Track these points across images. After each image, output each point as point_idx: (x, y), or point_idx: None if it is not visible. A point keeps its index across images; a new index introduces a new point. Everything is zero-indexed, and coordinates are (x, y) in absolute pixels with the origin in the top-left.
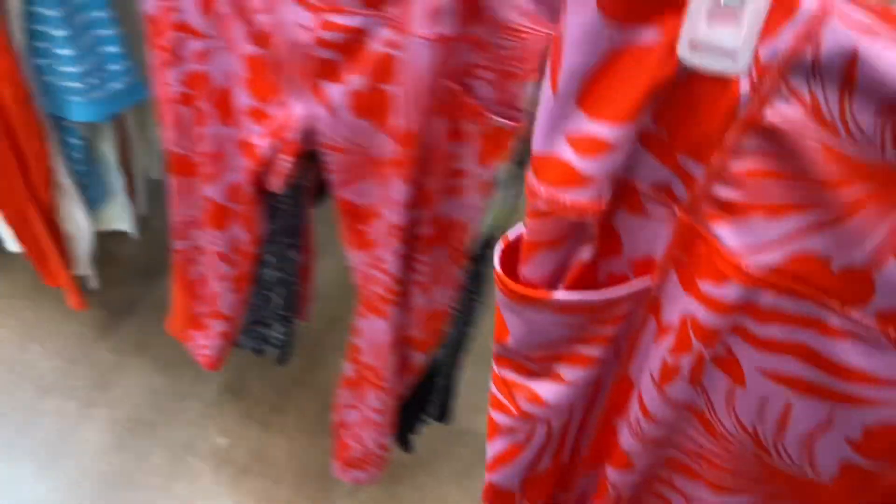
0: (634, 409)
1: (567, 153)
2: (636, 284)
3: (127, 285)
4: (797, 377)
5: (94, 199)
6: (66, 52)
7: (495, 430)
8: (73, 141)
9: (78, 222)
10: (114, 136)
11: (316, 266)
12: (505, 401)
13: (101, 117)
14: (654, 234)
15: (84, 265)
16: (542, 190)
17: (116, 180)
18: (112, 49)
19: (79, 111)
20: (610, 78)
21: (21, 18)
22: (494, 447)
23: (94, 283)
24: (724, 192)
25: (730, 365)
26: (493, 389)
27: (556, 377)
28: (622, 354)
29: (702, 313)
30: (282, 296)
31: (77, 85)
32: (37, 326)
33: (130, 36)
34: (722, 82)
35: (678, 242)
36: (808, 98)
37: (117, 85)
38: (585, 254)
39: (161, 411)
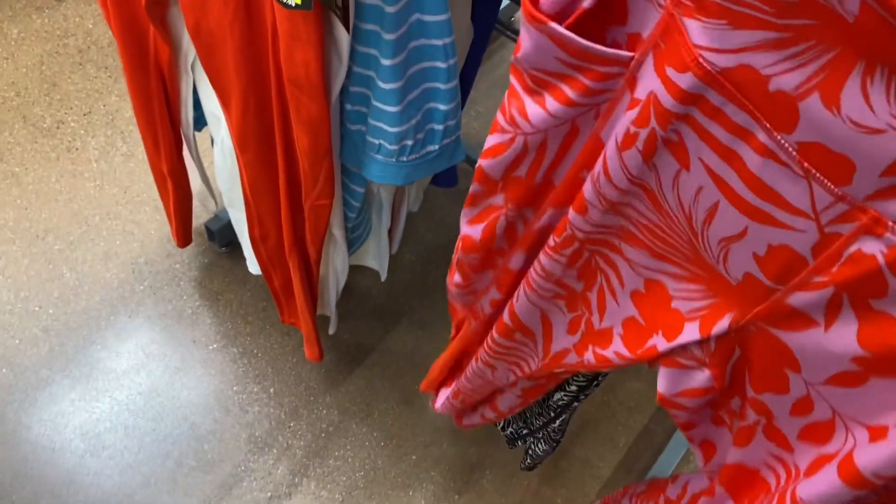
0: (598, 166)
1: None
2: (618, 52)
3: (361, 328)
4: (727, 181)
5: (355, 239)
6: (388, 107)
7: (494, 127)
8: (358, 190)
9: (336, 268)
10: None
11: None
12: (506, 104)
13: (406, 181)
14: (648, 15)
15: (329, 307)
16: None
17: (383, 221)
18: (442, 106)
19: (383, 173)
20: None
21: (347, 60)
22: (490, 141)
23: (333, 327)
24: None
25: (678, 149)
26: (505, 96)
27: (541, 102)
28: (599, 117)
29: (662, 94)
30: (563, 422)
31: (390, 146)
32: (260, 358)
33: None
34: None
35: (660, 27)
36: None
37: (434, 147)
38: (587, 3)
39: (375, 495)
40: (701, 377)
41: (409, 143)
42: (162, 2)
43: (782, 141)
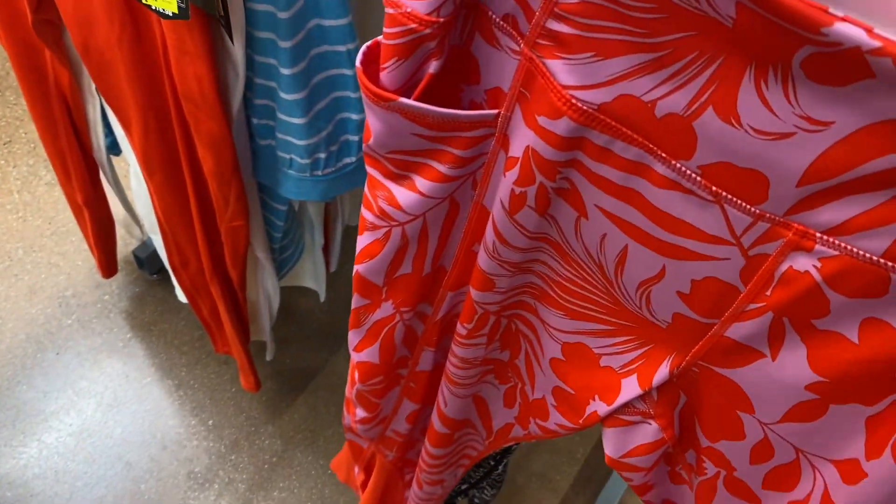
0: (490, 236)
1: None
2: (482, 113)
3: (303, 351)
4: (630, 222)
5: (286, 260)
6: (295, 119)
7: (363, 226)
8: (279, 208)
9: (266, 289)
10: None
11: None
12: (370, 198)
13: (325, 197)
14: (503, 65)
15: (264, 333)
16: None
17: (315, 239)
18: (354, 116)
19: (298, 189)
20: None
21: (244, 75)
22: (361, 241)
23: (270, 353)
24: (557, 26)
25: (573, 197)
26: (365, 188)
27: (411, 186)
28: (478, 186)
29: (540, 146)
30: (506, 465)
31: (302, 160)
32: (196, 390)
33: None
34: None
35: (521, 75)
36: None
37: (351, 159)
38: (432, 67)
39: None
40: (649, 430)
41: (323, 156)
42: (53, 21)
43: (682, 168)
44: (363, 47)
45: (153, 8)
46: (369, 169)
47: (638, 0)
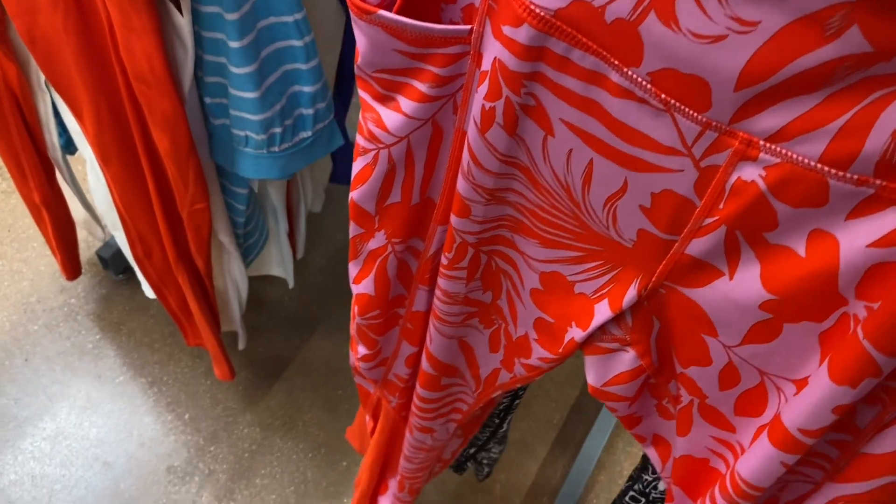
0: (465, 157)
1: None
2: (455, 28)
3: (276, 339)
4: (593, 135)
5: (252, 247)
6: (247, 93)
7: (357, 152)
8: (239, 191)
9: (233, 277)
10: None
11: None
12: (362, 122)
13: (283, 174)
14: None
15: (235, 322)
16: None
17: (279, 225)
18: (306, 88)
19: (256, 167)
20: None
21: (193, 50)
22: (355, 167)
23: (242, 343)
24: None
25: (539, 115)
26: (360, 115)
27: (395, 107)
28: (458, 109)
29: (506, 56)
30: (509, 422)
31: (257, 136)
32: (171, 385)
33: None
34: None
35: None
36: None
37: (307, 133)
38: None
39: None
40: (627, 358)
41: (278, 131)
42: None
43: (634, 76)
44: None
45: None
46: (361, 92)
47: None
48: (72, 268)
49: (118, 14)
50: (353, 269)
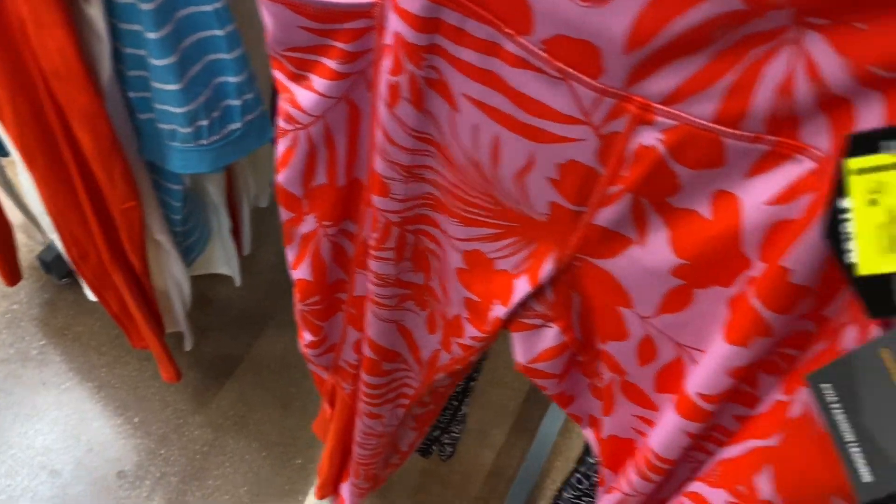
0: (379, 133)
1: None
2: (356, 2)
3: (227, 339)
4: (496, 108)
5: (193, 245)
6: (169, 86)
7: (278, 134)
8: (173, 188)
9: (174, 277)
10: (221, 172)
11: None
12: (280, 104)
13: (213, 167)
14: None
15: (179, 323)
16: None
17: (221, 221)
18: (232, 79)
19: (184, 161)
20: None
21: (110, 42)
22: (278, 150)
23: (189, 343)
24: None
25: (442, 88)
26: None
27: (308, 85)
28: (371, 87)
29: (404, 29)
30: (465, 402)
31: (183, 130)
32: (119, 389)
33: (254, 59)
34: None
35: None
36: None
37: (236, 125)
38: None
39: None
40: (550, 334)
41: (205, 123)
42: None
43: (527, 44)
44: None
45: None
46: (275, 72)
47: None
48: (11, 273)
49: (28, 10)
50: (289, 255)
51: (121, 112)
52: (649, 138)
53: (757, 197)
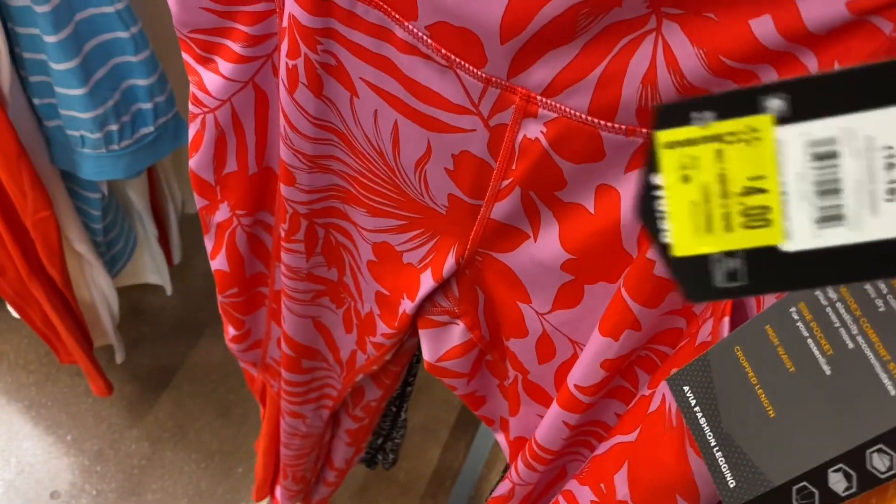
0: (282, 120)
1: None
2: None
3: (159, 350)
4: (392, 94)
5: (118, 255)
6: (73, 90)
7: (189, 117)
8: (90, 196)
9: (100, 289)
10: (142, 178)
11: None
12: (191, 87)
13: (128, 174)
14: None
15: (108, 335)
16: None
17: (146, 228)
18: (141, 82)
19: (97, 168)
20: None
21: (6, 47)
22: (189, 135)
23: (120, 356)
24: None
25: (341, 74)
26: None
27: (214, 68)
28: (276, 69)
29: (297, 11)
30: (404, 408)
31: (92, 135)
32: (50, 407)
33: (163, 59)
34: None
35: None
36: None
37: (148, 129)
38: None
39: None
40: (457, 331)
41: (114, 128)
42: None
43: (414, 30)
44: None
45: None
46: (183, 54)
47: None
48: None
49: None
50: (207, 244)
51: (27, 119)
52: (534, 130)
53: (635, 191)
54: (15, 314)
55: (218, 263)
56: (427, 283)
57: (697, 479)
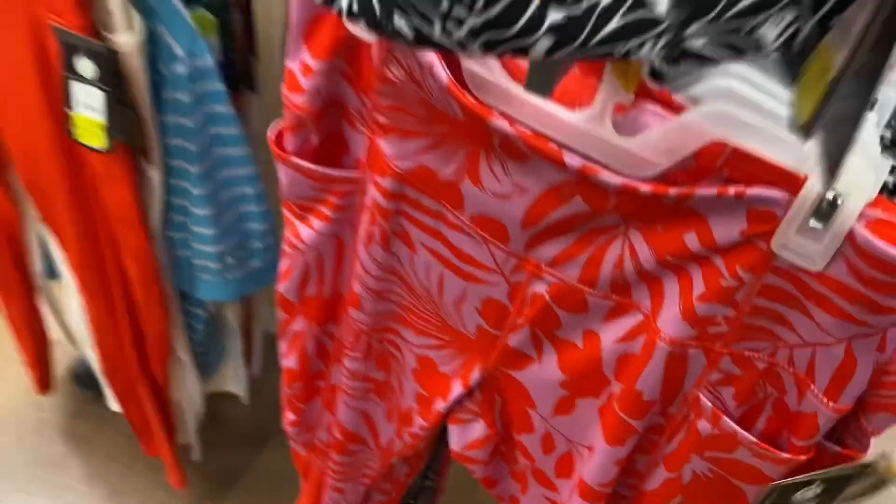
0: (357, 265)
1: (296, 70)
2: (345, 172)
3: (231, 453)
4: (442, 255)
5: (209, 364)
6: (206, 230)
7: (282, 254)
8: (198, 312)
9: (190, 393)
10: (240, 302)
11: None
12: (286, 233)
13: (235, 297)
14: (360, 142)
15: (190, 434)
16: (284, 91)
17: (235, 344)
18: (256, 227)
19: (211, 290)
20: (316, 30)
21: (161, 193)
22: (281, 266)
23: (197, 454)
24: (380, 118)
25: (406, 237)
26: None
27: (308, 224)
28: (355, 228)
29: (378, 197)
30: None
31: (214, 265)
32: (128, 494)
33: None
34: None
35: (368, 150)
36: (405, 67)
37: (257, 263)
38: (313, 139)
39: None
40: (478, 427)
41: (231, 260)
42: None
43: (461, 217)
44: (273, 130)
45: (86, 145)
46: (284, 211)
47: (416, 106)
48: (44, 382)
49: (100, 166)
50: (282, 346)
51: (163, 248)
52: (540, 288)
53: (611, 336)
54: (114, 407)
55: (289, 362)
56: (457, 389)
57: None
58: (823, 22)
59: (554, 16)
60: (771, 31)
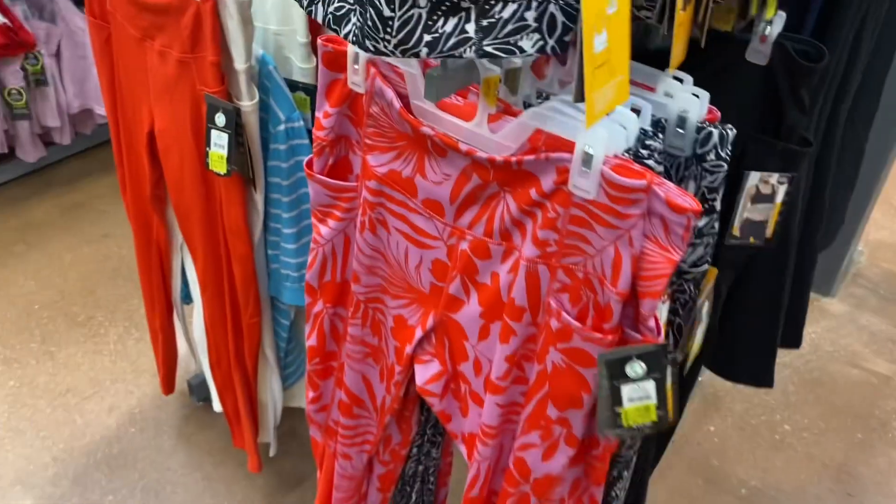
0: (356, 250)
1: (320, 116)
2: (350, 184)
3: (300, 461)
4: (406, 232)
5: (289, 376)
6: (290, 246)
7: (310, 250)
8: (282, 320)
9: (273, 393)
10: None
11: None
12: (314, 234)
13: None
14: (358, 162)
15: (269, 433)
16: (314, 130)
17: None
18: None
19: (291, 295)
20: (332, 90)
21: (262, 214)
22: (309, 259)
23: (273, 450)
24: (367, 141)
25: (384, 223)
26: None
27: (326, 224)
28: (356, 226)
29: (366, 195)
30: (419, 493)
31: (294, 273)
32: (216, 481)
33: None
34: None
35: (362, 165)
36: (380, 105)
37: None
38: (330, 161)
39: None
40: (434, 365)
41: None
42: (161, 196)
43: (416, 202)
44: (307, 159)
45: (214, 171)
46: (312, 218)
47: (387, 129)
48: (168, 385)
49: (224, 191)
50: (307, 329)
51: (261, 260)
52: (464, 246)
53: (504, 270)
54: (217, 408)
55: (311, 341)
56: (419, 333)
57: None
58: (560, 40)
59: (427, 37)
60: (527, 44)
